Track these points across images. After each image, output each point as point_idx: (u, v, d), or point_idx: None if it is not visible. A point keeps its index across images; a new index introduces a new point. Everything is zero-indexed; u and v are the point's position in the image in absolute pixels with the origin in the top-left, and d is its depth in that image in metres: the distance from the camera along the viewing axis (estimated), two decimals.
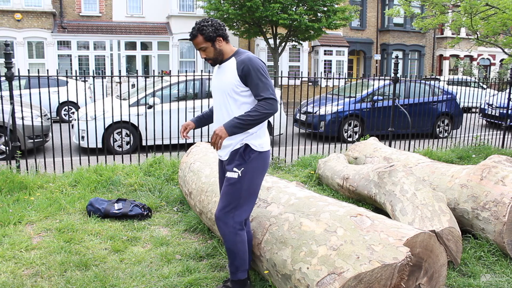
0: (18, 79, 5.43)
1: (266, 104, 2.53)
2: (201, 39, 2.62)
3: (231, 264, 2.75)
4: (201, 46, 2.63)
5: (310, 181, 5.54)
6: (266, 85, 2.56)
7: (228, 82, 2.63)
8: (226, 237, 2.67)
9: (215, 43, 2.63)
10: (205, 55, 2.66)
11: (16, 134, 5.39)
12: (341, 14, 15.75)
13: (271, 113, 2.55)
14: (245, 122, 2.52)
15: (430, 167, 4.54)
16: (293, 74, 18.13)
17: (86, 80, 11.57)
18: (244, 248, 2.71)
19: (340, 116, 9.21)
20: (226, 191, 2.67)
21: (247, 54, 2.64)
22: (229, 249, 2.70)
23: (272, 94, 2.55)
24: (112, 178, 5.12)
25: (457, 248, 3.26)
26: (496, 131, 9.73)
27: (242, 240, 2.69)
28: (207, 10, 15.84)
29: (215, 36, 2.61)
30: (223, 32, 2.66)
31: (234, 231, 2.65)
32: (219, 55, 2.67)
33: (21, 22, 17.27)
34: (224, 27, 2.69)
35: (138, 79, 8.11)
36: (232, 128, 2.52)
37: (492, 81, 10.36)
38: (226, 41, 2.69)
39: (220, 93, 2.70)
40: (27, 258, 3.32)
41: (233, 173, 2.64)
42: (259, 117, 2.53)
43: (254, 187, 2.70)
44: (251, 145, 2.65)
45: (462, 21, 11.38)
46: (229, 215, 2.65)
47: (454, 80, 10.04)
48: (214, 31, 2.61)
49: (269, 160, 2.79)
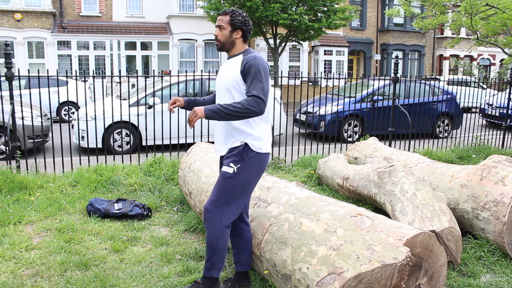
0: (18, 79, 5.43)
1: (252, 101, 2.53)
2: (226, 19, 2.71)
3: (208, 259, 2.72)
4: (222, 24, 2.72)
5: (310, 181, 5.54)
6: (260, 85, 2.57)
7: (232, 78, 2.67)
8: (210, 230, 2.66)
9: (234, 32, 2.71)
10: (217, 34, 2.74)
11: (16, 134, 5.39)
12: (341, 14, 15.75)
13: (255, 111, 2.54)
14: (226, 111, 2.51)
15: (430, 167, 4.54)
16: (293, 74, 18.13)
17: (86, 80, 11.57)
18: (225, 246, 2.70)
19: (340, 116, 9.21)
20: (219, 184, 2.68)
21: (254, 53, 2.69)
22: (210, 243, 2.68)
23: (262, 95, 2.55)
24: (112, 178, 5.12)
25: (457, 248, 3.26)
26: (496, 131, 9.73)
27: (225, 237, 2.68)
28: (207, 10, 15.84)
29: (238, 26, 2.70)
30: (246, 29, 2.74)
31: (220, 226, 2.64)
32: (229, 44, 2.74)
33: (21, 22, 17.27)
34: (250, 28, 2.77)
35: (138, 79, 8.11)
36: (211, 112, 2.52)
37: (492, 81, 10.36)
38: (244, 39, 2.75)
39: (223, 88, 2.73)
40: (27, 258, 3.31)
41: (229, 167, 2.64)
42: (241, 111, 2.52)
43: (247, 187, 2.70)
44: (250, 145, 2.65)
45: (462, 21, 11.38)
46: (219, 209, 2.64)
47: (454, 80, 10.04)
48: (241, 22, 2.70)
49: (266, 163, 2.78)
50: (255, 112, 2.54)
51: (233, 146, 2.68)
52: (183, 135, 7.51)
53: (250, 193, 2.77)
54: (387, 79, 7.77)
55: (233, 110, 2.51)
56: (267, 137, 2.75)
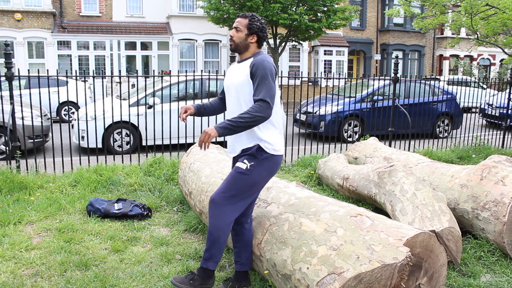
0: (18, 79, 5.43)
1: (258, 107, 2.57)
2: (245, 22, 2.76)
3: (207, 249, 2.73)
4: (239, 26, 2.76)
5: (310, 181, 5.54)
6: (266, 88, 2.60)
7: (241, 79, 2.72)
8: (213, 219, 2.66)
9: (250, 36, 2.76)
10: (233, 34, 2.78)
11: (16, 134, 5.39)
12: (341, 14, 15.75)
13: (263, 116, 2.57)
14: (235, 124, 2.55)
15: (430, 167, 4.54)
16: (293, 74, 18.13)
17: (86, 80, 11.57)
18: (224, 240, 2.71)
19: (340, 116, 9.21)
20: (230, 178, 2.71)
21: (263, 56, 2.72)
22: (211, 233, 2.68)
23: (267, 98, 2.59)
24: (112, 178, 5.12)
25: (457, 248, 3.26)
26: (496, 131, 9.73)
27: (226, 231, 2.69)
28: (207, 10, 15.84)
29: (255, 31, 2.75)
30: (262, 35, 2.79)
31: (224, 219, 2.65)
32: (243, 47, 2.78)
33: (21, 22, 17.27)
34: (266, 35, 2.82)
35: (138, 79, 8.12)
36: (222, 130, 2.55)
37: (492, 81, 10.35)
38: (258, 44, 2.80)
39: (233, 90, 2.78)
40: (27, 258, 3.31)
41: (242, 164, 2.69)
42: (250, 120, 2.55)
43: (256, 186, 2.73)
44: (263, 146, 2.69)
45: (462, 21, 11.38)
46: (225, 202, 2.65)
47: (454, 80, 10.04)
48: (258, 28, 2.76)
49: (279, 165, 2.81)
50: (263, 118, 2.58)
51: (245, 147, 2.73)
52: (183, 135, 7.51)
53: (257, 193, 2.81)
54: (387, 79, 7.77)
55: (242, 121, 2.55)
56: (278, 139, 2.77)
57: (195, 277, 2.76)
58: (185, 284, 2.73)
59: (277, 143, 2.75)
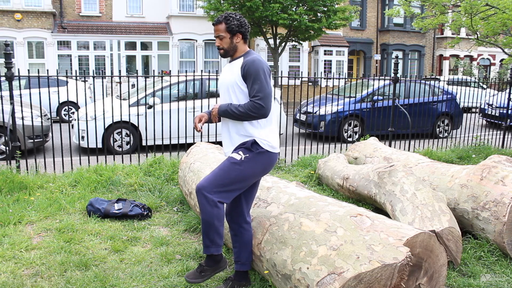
0: (18, 79, 5.43)
1: (252, 106, 2.63)
2: (223, 27, 2.72)
3: (205, 236, 2.69)
4: (220, 34, 2.74)
5: (310, 181, 5.54)
6: (260, 89, 2.63)
7: (233, 79, 2.73)
8: (204, 207, 2.62)
9: (234, 37, 2.74)
10: (219, 43, 2.76)
11: (16, 134, 5.39)
12: (341, 14, 15.75)
13: (255, 116, 2.65)
14: (231, 112, 2.67)
15: (430, 167, 4.54)
16: (293, 74, 18.13)
17: (86, 80, 11.57)
18: (220, 224, 2.66)
19: (340, 116, 9.21)
20: (222, 166, 2.70)
21: (254, 56, 2.72)
22: (205, 220, 2.64)
23: (262, 99, 2.61)
24: (112, 178, 5.12)
25: (457, 248, 3.26)
26: (496, 131, 9.73)
27: (219, 215, 2.64)
28: (207, 10, 15.85)
29: (236, 30, 2.73)
30: (245, 31, 2.77)
31: (214, 203, 2.61)
32: (232, 50, 2.78)
33: (21, 22, 17.27)
34: (248, 28, 2.79)
35: (138, 79, 8.11)
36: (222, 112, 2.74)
37: (492, 81, 10.35)
38: (244, 40, 2.79)
39: (226, 90, 2.80)
40: (27, 258, 3.32)
41: (237, 154, 2.69)
42: (243, 115, 2.65)
43: (248, 179, 2.72)
44: (259, 142, 2.71)
45: (462, 21, 11.38)
46: (214, 189, 2.62)
47: (454, 80, 10.04)
48: (238, 25, 2.72)
49: (274, 163, 2.82)
50: (256, 117, 2.64)
51: (242, 142, 2.74)
52: (183, 135, 7.51)
53: (246, 187, 2.76)
54: (387, 79, 7.77)
55: (236, 112, 2.67)
56: (273, 138, 2.78)
57: (204, 267, 2.77)
58: (198, 278, 2.74)
59: (273, 140, 2.76)
